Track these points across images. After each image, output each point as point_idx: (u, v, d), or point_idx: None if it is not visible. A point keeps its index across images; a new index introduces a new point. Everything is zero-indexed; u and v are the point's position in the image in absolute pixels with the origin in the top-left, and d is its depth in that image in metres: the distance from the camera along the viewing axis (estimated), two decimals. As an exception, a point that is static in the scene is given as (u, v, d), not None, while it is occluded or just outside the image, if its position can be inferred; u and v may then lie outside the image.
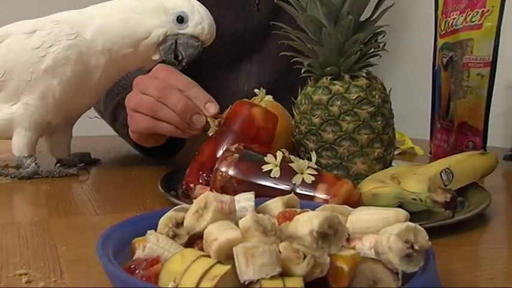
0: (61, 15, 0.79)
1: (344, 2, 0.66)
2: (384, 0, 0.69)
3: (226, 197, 0.41)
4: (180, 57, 0.77)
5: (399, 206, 0.58)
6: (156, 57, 0.77)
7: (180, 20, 0.76)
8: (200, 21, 0.76)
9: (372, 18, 0.69)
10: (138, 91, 0.75)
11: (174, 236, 0.41)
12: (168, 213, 0.42)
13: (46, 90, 0.76)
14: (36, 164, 0.78)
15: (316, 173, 0.59)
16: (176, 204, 0.59)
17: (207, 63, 1.12)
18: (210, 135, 0.70)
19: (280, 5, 0.69)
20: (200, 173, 0.66)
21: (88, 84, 0.78)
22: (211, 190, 0.60)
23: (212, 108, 0.70)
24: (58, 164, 0.83)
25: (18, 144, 0.78)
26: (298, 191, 0.57)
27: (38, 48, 0.75)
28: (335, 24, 0.67)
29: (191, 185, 0.65)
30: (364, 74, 0.69)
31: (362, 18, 0.69)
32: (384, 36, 0.69)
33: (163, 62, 0.78)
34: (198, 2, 0.79)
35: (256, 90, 0.73)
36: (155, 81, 0.73)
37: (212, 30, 0.78)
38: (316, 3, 0.66)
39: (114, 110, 0.90)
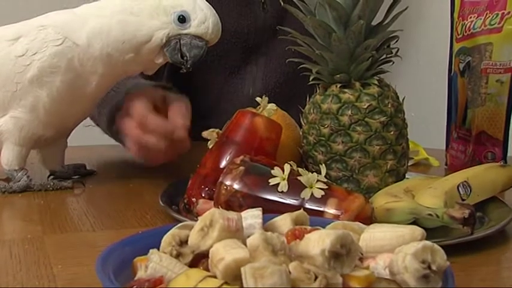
0: (50, 18, 0.77)
1: (355, 5, 0.67)
2: (397, 3, 0.70)
3: (233, 214, 0.41)
4: (185, 58, 0.76)
5: (414, 222, 0.59)
6: (159, 60, 0.77)
7: (182, 19, 0.75)
8: (203, 20, 0.75)
9: (384, 23, 0.70)
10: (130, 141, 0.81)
11: (178, 255, 0.41)
12: (171, 230, 0.43)
13: (35, 103, 0.75)
14: (27, 177, 0.78)
15: (326, 186, 0.59)
16: (178, 220, 0.60)
17: (209, 65, 1.13)
18: (210, 147, 0.71)
19: (287, 8, 0.70)
20: (203, 186, 0.67)
21: (83, 92, 0.78)
22: (215, 204, 0.61)
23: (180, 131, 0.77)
24: (51, 176, 0.84)
25: (8, 157, 0.78)
26: (307, 206, 0.58)
27: (22, 56, 0.74)
28: (345, 29, 0.68)
29: (193, 199, 0.66)
30: (376, 82, 0.69)
31: (374, 23, 0.70)
32: (397, 41, 0.70)
33: (167, 63, 0.78)
34: None
35: (258, 99, 0.74)
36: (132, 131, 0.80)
37: (217, 29, 0.77)
38: (326, 7, 0.67)
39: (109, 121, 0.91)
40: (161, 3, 0.75)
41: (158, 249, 0.42)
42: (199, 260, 0.41)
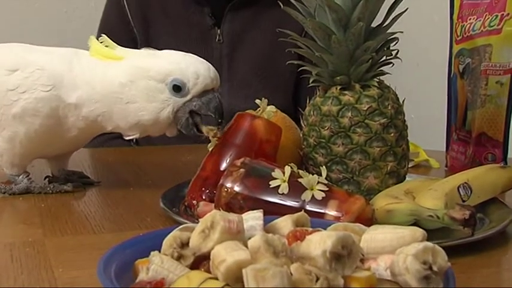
0: (51, 60, 0.76)
1: (354, 7, 0.67)
2: (397, 5, 0.70)
3: (234, 216, 0.41)
4: (213, 116, 0.73)
5: (414, 223, 0.59)
6: (172, 133, 0.75)
7: (177, 88, 0.72)
8: (197, 76, 0.72)
9: (384, 25, 0.70)
10: None
11: (179, 257, 0.41)
12: (172, 233, 0.43)
13: (13, 136, 0.75)
14: (28, 179, 0.79)
15: (327, 188, 0.59)
16: (179, 223, 0.60)
17: None
18: (210, 149, 0.71)
19: (286, 11, 0.70)
20: (203, 189, 0.67)
21: (62, 138, 0.77)
22: (215, 207, 0.61)
23: None
24: (46, 179, 0.84)
25: (6, 165, 0.79)
26: (307, 208, 0.58)
27: (13, 91, 0.74)
28: (345, 31, 0.68)
29: (194, 202, 0.66)
30: (376, 84, 0.70)
31: (373, 25, 0.70)
32: (396, 43, 0.70)
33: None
34: (180, 53, 0.75)
35: (257, 101, 0.75)
36: None
37: (213, 73, 0.74)
38: (325, 9, 0.67)
39: None
40: (150, 83, 0.72)
41: (159, 251, 0.42)
42: (201, 262, 0.41)
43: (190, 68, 0.72)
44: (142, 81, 0.73)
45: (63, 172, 0.84)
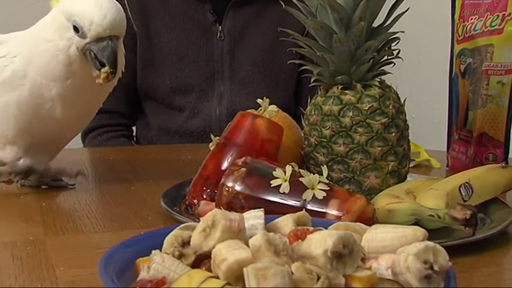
0: (22, 43, 0.78)
1: (356, 7, 0.67)
2: (398, 5, 0.70)
3: (235, 215, 0.41)
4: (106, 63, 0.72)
5: (415, 223, 0.59)
6: (94, 74, 0.74)
7: (76, 29, 0.73)
8: (90, 22, 0.72)
9: (385, 24, 0.70)
10: None
11: (180, 256, 0.41)
12: (173, 231, 0.43)
13: (5, 107, 0.77)
14: (29, 161, 0.78)
15: (328, 188, 0.59)
16: (179, 221, 0.60)
17: (182, 91, 1.27)
18: (212, 148, 0.71)
19: (288, 10, 0.70)
20: (204, 188, 0.67)
21: (52, 119, 0.77)
22: (216, 206, 0.61)
23: None
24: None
25: (1, 145, 0.79)
26: (308, 207, 0.58)
27: (3, 58, 0.76)
28: (346, 30, 0.68)
29: (195, 201, 0.66)
30: (377, 83, 0.70)
31: (375, 24, 0.70)
32: (397, 42, 0.70)
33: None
34: None
35: (259, 101, 0.75)
36: None
37: (107, 23, 0.72)
38: (327, 9, 0.67)
39: None
40: (62, 20, 0.74)
41: (160, 250, 0.42)
42: (202, 260, 0.41)
43: (87, 13, 0.72)
44: (60, 17, 0.74)
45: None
